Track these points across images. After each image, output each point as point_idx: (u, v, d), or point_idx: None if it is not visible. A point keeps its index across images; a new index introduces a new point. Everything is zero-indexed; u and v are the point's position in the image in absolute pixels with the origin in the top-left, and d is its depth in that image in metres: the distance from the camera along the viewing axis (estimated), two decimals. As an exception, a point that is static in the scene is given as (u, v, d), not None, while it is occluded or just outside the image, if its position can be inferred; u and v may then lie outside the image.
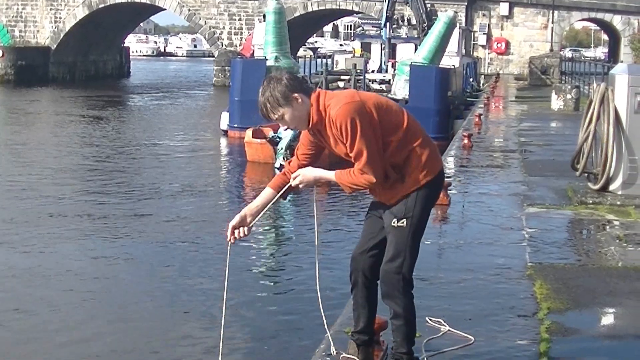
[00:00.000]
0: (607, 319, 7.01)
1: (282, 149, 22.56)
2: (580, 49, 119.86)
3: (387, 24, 38.18)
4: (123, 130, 34.13)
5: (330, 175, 5.21)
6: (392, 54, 38.00)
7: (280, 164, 22.45)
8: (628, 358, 5.98)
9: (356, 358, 5.43)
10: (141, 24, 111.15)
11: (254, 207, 5.30)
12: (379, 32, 40.98)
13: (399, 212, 5.15)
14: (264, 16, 34.20)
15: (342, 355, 5.52)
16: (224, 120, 31.82)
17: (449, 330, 6.28)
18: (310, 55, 46.39)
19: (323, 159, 5.37)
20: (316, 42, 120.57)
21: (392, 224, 5.15)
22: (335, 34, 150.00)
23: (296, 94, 5.02)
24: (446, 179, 12.47)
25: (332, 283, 10.75)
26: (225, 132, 31.47)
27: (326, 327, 5.76)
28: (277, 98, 5.01)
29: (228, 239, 5.26)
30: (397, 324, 5.24)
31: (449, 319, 6.45)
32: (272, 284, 12.73)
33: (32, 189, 19.93)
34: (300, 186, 5.27)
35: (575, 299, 7.24)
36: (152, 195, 19.65)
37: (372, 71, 37.16)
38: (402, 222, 5.14)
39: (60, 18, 66.69)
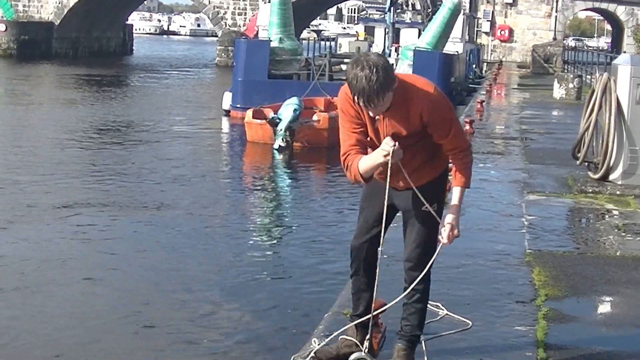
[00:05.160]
0: (605, 307, 7.05)
1: (281, 130, 22.55)
2: (583, 38, 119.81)
3: (392, 8, 38.16)
4: (124, 109, 34.03)
5: (460, 193, 5.30)
6: (396, 39, 38.00)
7: (280, 145, 22.43)
8: (624, 346, 6.01)
9: (354, 340, 5.46)
10: (145, 2, 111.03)
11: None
12: (383, 16, 41.04)
13: (430, 195, 5.14)
14: (269, -3, 34.16)
15: (340, 337, 5.55)
16: (227, 100, 31.77)
17: (447, 314, 6.34)
18: (314, 38, 46.29)
19: (321, 140, 5.31)
20: (320, 24, 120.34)
21: (423, 209, 5.13)
22: (339, 17, 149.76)
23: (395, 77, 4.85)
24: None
25: (331, 265, 10.78)
26: (228, 112, 31.41)
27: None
28: (389, 81, 4.74)
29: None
30: (418, 307, 5.30)
31: (447, 303, 6.50)
32: (272, 265, 12.66)
33: (22, 168, 19.77)
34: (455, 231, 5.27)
35: (573, 287, 7.28)
36: (151, 174, 19.61)
37: (375, 55, 37.02)
38: (434, 206, 5.17)
39: (64, -7, 66.52)
